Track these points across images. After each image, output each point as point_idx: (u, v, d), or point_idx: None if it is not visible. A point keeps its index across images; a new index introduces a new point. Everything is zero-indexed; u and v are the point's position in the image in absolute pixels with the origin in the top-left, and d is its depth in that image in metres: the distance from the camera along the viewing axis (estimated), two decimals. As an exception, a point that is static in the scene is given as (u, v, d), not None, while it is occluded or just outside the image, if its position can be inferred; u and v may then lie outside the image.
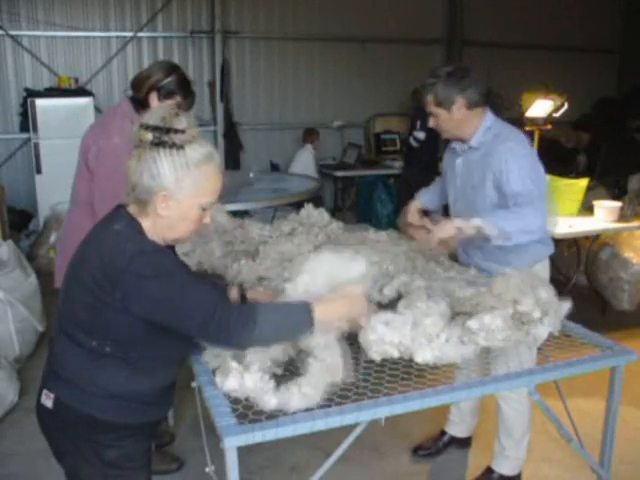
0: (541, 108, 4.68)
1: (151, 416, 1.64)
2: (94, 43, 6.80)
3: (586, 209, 4.26)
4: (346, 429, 1.58)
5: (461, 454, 2.98)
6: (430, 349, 1.67)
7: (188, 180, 1.47)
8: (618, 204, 4.16)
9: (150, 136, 1.44)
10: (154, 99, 2.46)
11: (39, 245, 5.75)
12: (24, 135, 6.38)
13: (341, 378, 1.61)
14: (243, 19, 7.35)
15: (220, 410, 1.51)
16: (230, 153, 7.27)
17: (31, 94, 6.21)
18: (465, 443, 3.01)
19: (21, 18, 6.45)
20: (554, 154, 6.49)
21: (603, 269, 4.61)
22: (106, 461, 1.56)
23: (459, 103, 2.31)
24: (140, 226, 1.51)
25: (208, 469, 1.79)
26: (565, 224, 3.98)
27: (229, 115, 7.36)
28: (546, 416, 1.90)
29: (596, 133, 8.16)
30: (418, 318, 1.71)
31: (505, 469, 2.63)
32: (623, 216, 4.13)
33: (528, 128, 4.50)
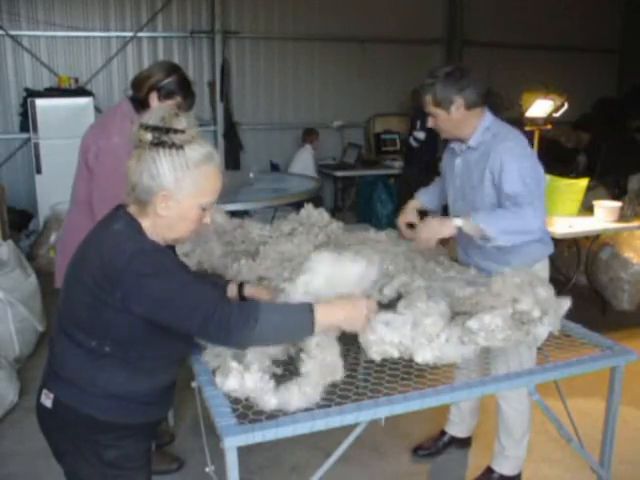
0: (541, 108, 4.67)
1: (151, 416, 1.64)
2: (94, 43, 6.80)
3: (586, 209, 4.26)
4: (346, 429, 1.58)
5: (461, 454, 2.98)
6: (430, 349, 1.67)
7: (188, 180, 1.47)
8: (618, 204, 4.16)
9: (150, 136, 1.44)
10: (154, 99, 2.46)
11: (39, 245, 5.75)
12: (24, 135, 6.38)
13: (341, 377, 1.61)
14: (243, 19, 7.35)
15: (220, 410, 1.51)
16: (230, 153, 7.27)
17: (31, 94, 6.20)
18: (465, 443, 3.01)
19: (21, 18, 6.45)
20: (554, 154, 6.49)
21: (603, 269, 4.61)
22: (106, 461, 1.56)
23: (458, 103, 2.31)
24: (140, 226, 1.51)
25: (208, 469, 1.79)
26: (565, 224, 3.98)
27: (229, 115, 7.36)
28: (546, 416, 1.90)
29: (596, 133, 8.16)
30: (418, 318, 1.71)
31: (505, 469, 2.63)
32: (623, 216, 4.13)
33: (528, 128, 4.49)
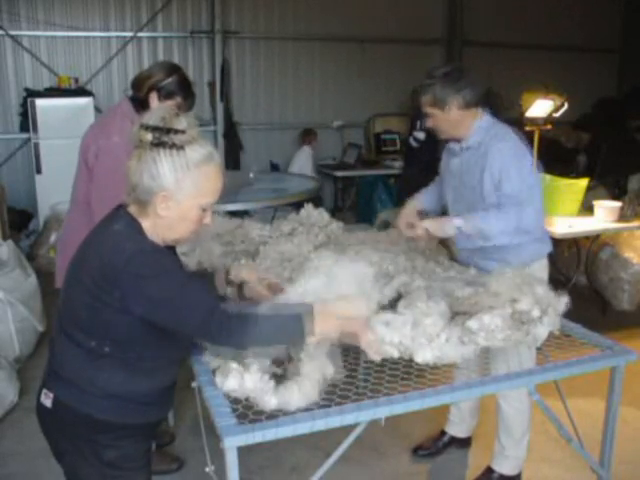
0: (541, 108, 4.66)
1: (150, 417, 1.64)
2: (94, 43, 6.79)
3: (586, 209, 4.26)
4: (346, 429, 1.58)
5: (461, 454, 2.98)
6: (430, 349, 1.67)
7: (188, 181, 1.47)
8: (618, 204, 4.16)
9: (150, 136, 1.44)
10: (154, 99, 2.46)
11: (39, 245, 5.75)
12: (24, 135, 6.37)
13: (331, 373, 1.62)
14: (243, 19, 7.34)
15: (220, 410, 1.51)
16: (230, 153, 7.27)
17: (31, 94, 6.20)
18: (465, 443, 3.01)
19: (21, 18, 6.44)
20: (554, 154, 6.49)
21: (603, 269, 4.61)
22: (105, 461, 1.56)
23: (455, 103, 2.32)
24: (140, 226, 1.51)
25: (208, 469, 1.79)
26: (565, 224, 3.98)
27: (229, 115, 7.35)
28: (546, 416, 1.90)
29: (596, 133, 8.15)
30: (418, 318, 1.71)
31: (505, 469, 2.63)
32: (623, 216, 4.13)
33: (528, 128, 4.48)
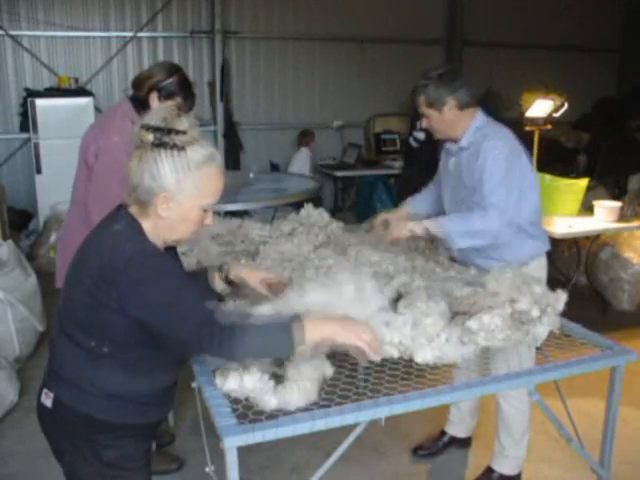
0: (541, 108, 4.67)
1: (150, 417, 1.64)
2: (94, 43, 6.79)
3: (586, 209, 4.26)
4: (346, 429, 1.58)
5: (461, 454, 2.99)
6: (430, 349, 1.67)
7: (189, 181, 1.47)
8: (618, 204, 4.16)
9: (151, 137, 1.44)
10: (154, 99, 2.46)
11: (39, 245, 5.75)
12: (24, 135, 6.37)
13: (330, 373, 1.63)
14: (243, 19, 7.34)
15: (220, 410, 1.51)
16: (230, 153, 7.27)
17: (31, 94, 6.20)
18: (465, 443, 3.01)
19: (21, 18, 6.44)
20: (554, 154, 6.50)
21: (603, 269, 4.61)
22: (105, 461, 1.56)
23: (450, 104, 2.34)
24: (140, 227, 1.51)
25: (208, 469, 1.79)
26: (565, 224, 3.98)
27: (229, 115, 7.35)
28: (546, 416, 1.90)
29: (596, 133, 8.15)
30: (418, 318, 1.71)
31: (505, 468, 2.63)
32: (623, 216, 4.13)
33: (528, 128, 4.49)
